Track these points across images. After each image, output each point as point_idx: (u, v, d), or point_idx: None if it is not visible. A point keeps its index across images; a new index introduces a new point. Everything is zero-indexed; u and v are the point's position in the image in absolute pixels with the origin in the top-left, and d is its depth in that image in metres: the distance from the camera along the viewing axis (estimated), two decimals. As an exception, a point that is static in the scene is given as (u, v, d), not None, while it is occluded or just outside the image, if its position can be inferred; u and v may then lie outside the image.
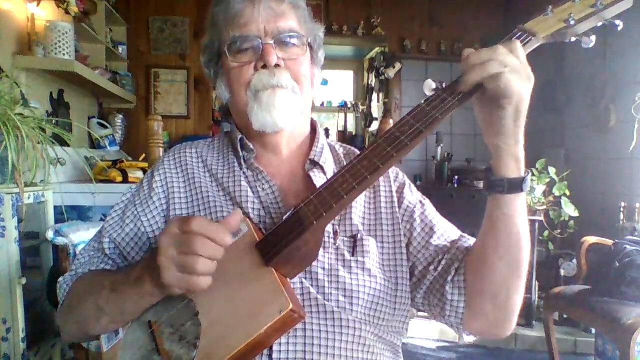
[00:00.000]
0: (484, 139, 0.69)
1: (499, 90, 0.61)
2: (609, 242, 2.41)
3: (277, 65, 0.79)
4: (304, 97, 0.83)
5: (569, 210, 3.01)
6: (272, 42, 0.79)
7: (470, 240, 0.80)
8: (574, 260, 2.92)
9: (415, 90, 4.23)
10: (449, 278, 0.76)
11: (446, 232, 0.82)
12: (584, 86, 3.40)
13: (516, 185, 0.67)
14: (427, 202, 0.87)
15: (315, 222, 0.64)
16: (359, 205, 0.83)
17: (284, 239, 0.65)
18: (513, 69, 0.61)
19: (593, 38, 0.68)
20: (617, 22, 0.68)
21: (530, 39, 0.67)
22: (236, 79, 0.81)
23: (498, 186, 0.67)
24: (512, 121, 0.64)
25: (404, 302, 0.79)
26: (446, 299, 0.75)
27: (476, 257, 0.74)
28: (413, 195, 0.86)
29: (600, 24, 0.68)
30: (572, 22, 0.67)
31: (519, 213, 0.69)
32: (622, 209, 2.83)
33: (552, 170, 3.03)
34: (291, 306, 0.61)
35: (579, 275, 2.53)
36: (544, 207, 3.04)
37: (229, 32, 0.80)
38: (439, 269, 0.78)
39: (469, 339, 0.87)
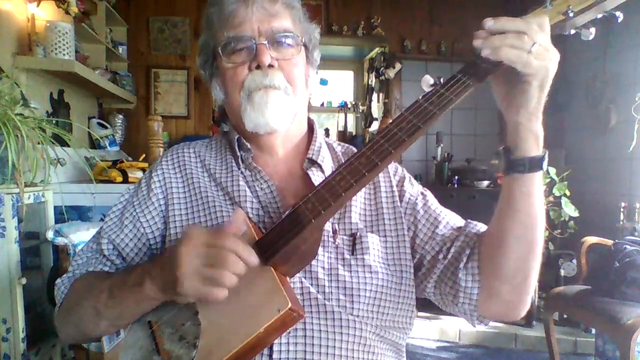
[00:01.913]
0: (505, 116, 0.68)
1: (526, 67, 0.61)
2: (609, 242, 2.41)
3: (270, 66, 0.79)
4: (297, 97, 0.82)
5: (569, 210, 3.01)
6: (265, 42, 0.78)
7: (479, 226, 0.80)
8: (574, 260, 2.92)
9: (415, 91, 4.22)
10: (461, 265, 0.75)
11: (451, 220, 0.82)
12: (584, 86, 3.39)
13: (536, 164, 0.66)
14: (428, 193, 0.87)
15: (313, 220, 0.64)
16: (358, 203, 0.83)
17: (282, 238, 0.65)
18: (544, 46, 0.61)
19: (592, 30, 0.67)
20: (617, 13, 0.67)
21: None
22: (230, 80, 0.81)
23: (519, 165, 0.67)
24: (536, 95, 0.64)
25: (408, 296, 0.79)
26: (459, 285, 0.75)
27: (492, 241, 0.73)
28: (414, 188, 0.86)
29: (600, 15, 0.67)
30: (571, 14, 0.66)
31: (536, 191, 0.69)
32: (622, 209, 2.83)
33: (552, 170, 3.03)
34: (290, 305, 0.61)
35: (579, 275, 2.53)
36: (544, 207, 3.04)
37: (223, 33, 0.80)
38: (449, 256, 0.77)
39: (480, 328, 0.87)
